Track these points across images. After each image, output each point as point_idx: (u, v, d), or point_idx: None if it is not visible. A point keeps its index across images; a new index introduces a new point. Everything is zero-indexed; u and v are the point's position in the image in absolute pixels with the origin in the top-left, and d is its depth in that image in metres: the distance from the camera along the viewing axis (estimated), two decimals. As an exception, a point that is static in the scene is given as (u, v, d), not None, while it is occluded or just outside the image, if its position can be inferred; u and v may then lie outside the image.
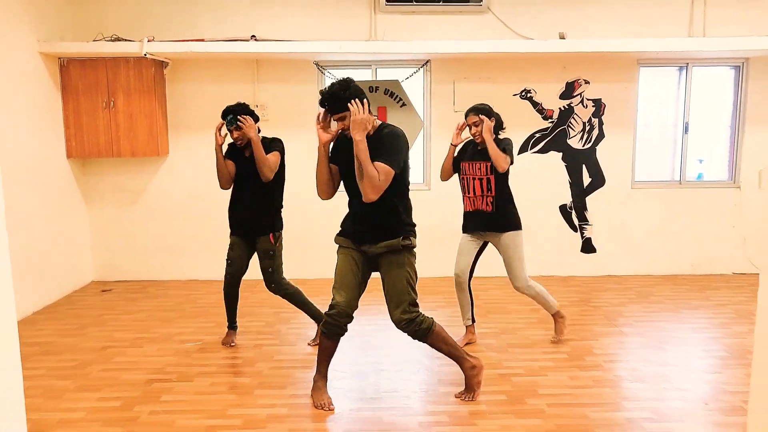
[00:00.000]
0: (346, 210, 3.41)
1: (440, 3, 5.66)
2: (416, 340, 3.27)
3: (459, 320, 4.24)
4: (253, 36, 5.68)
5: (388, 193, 3.03)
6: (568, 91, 5.95)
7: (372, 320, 4.66)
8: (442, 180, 4.23)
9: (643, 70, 5.99)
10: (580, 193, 6.07)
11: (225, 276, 4.23)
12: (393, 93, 5.76)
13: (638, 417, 3.10)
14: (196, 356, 3.98)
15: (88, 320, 4.73)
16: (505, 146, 3.90)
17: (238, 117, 3.92)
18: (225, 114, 3.97)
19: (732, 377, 3.59)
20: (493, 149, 3.80)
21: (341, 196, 3.42)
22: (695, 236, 6.07)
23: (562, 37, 5.67)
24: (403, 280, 3.17)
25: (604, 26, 5.79)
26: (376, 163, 2.95)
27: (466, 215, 4.10)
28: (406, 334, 3.24)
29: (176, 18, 5.71)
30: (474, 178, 3.97)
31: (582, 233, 6.12)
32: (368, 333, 4.43)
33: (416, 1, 5.64)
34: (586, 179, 6.06)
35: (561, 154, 6.00)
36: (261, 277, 4.25)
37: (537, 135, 5.97)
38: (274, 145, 4.07)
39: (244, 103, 4.07)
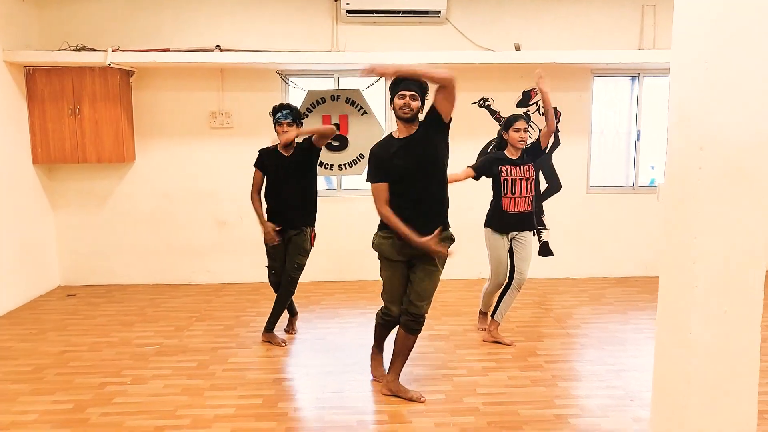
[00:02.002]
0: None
1: (400, 14, 5.82)
2: (409, 333, 3.44)
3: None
4: (218, 46, 5.82)
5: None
6: (525, 99, 6.14)
7: (328, 323, 4.80)
8: None
9: (597, 80, 6.20)
10: (537, 198, 6.26)
11: (271, 283, 4.51)
12: (354, 101, 5.92)
13: (566, 413, 3.27)
14: (153, 359, 4.10)
15: (49, 325, 4.82)
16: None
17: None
18: (278, 109, 4.22)
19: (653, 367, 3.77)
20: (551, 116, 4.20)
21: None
22: (648, 239, 6.28)
23: (517, 49, 5.87)
24: (438, 277, 3.42)
25: (559, 38, 6.00)
26: None
27: (505, 215, 4.20)
28: (408, 326, 3.41)
29: (142, 27, 5.83)
30: (521, 179, 4.19)
31: (539, 237, 6.31)
32: (322, 336, 4.58)
33: (377, 13, 5.80)
34: (543, 185, 6.25)
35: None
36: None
37: (495, 142, 6.14)
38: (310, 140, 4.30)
39: (293, 106, 4.31)
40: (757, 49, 2.12)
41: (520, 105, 6.12)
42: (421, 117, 3.31)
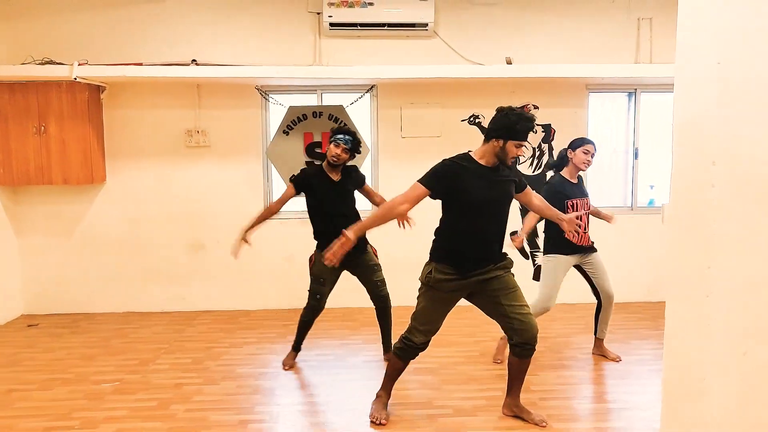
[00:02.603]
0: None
1: (386, 28, 5.56)
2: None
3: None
4: (194, 60, 5.53)
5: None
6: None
7: (304, 356, 4.44)
8: None
9: (592, 96, 5.92)
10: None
11: (310, 308, 4.17)
12: (337, 118, 5.62)
13: (562, 463, 2.92)
14: (109, 398, 3.73)
15: (1, 360, 4.45)
16: None
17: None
18: (344, 132, 4.11)
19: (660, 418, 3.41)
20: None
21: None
22: (648, 262, 5.95)
23: (508, 62, 5.59)
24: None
25: (552, 52, 5.73)
26: None
27: (571, 245, 4.07)
28: (523, 354, 3.25)
29: (113, 41, 5.55)
30: (586, 216, 4.19)
31: (533, 260, 5.98)
32: (296, 370, 4.22)
33: (361, 26, 5.53)
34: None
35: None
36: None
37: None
38: (359, 174, 4.30)
39: (358, 136, 4.22)
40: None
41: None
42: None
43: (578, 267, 4.25)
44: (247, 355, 4.52)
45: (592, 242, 4.24)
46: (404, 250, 5.20)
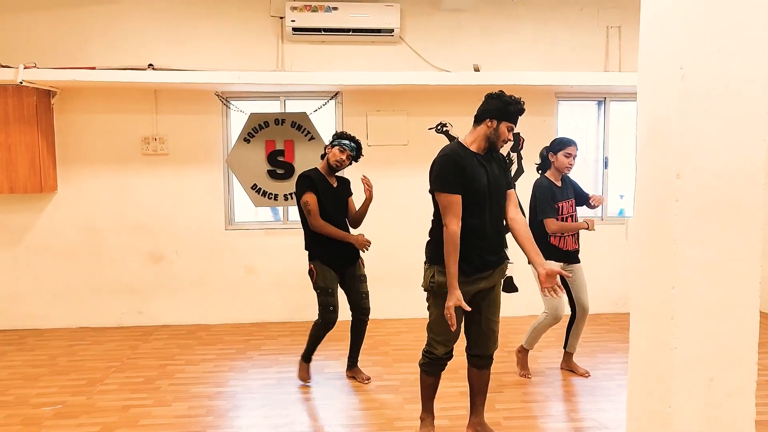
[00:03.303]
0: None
1: (351, 33, 5.41)
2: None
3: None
4: (151, 65, 5.32)
5: None
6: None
7: (264, 373, 4.24)
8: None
9: (562, 104, 5.84)
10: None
11: (328, 321, 3.91)
12: (300, 126, 5.45)
13: (525, 489, 2.77)
14: (47, 424, 3.49)
15: (-64, 381, 4.18)
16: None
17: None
18: (349, 138, 3.97)
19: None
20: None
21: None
22: (618, 273, 5.87)
23: (476, 69, 5.48)
24: None
25: (521, 59, 5.65)
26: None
27: (555, 250, 4.01)
28: (481, 364, 3.17)
29: (65, 44, 5.31)
30: (571, 217, 4.05)
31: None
32: (255, 389, 4.01)
33: (325, 31, 5.38)
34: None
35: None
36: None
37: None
38: (349, 186, 4.18)
39: (361, 145, 4.06)
40: (742, 59, 1.70)
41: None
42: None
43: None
44: (203, 373, 4.31)
45: (577, 248, 4.10)
46: (382, 263, 5.06)
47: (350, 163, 4.01)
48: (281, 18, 5.46)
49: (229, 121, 5.60)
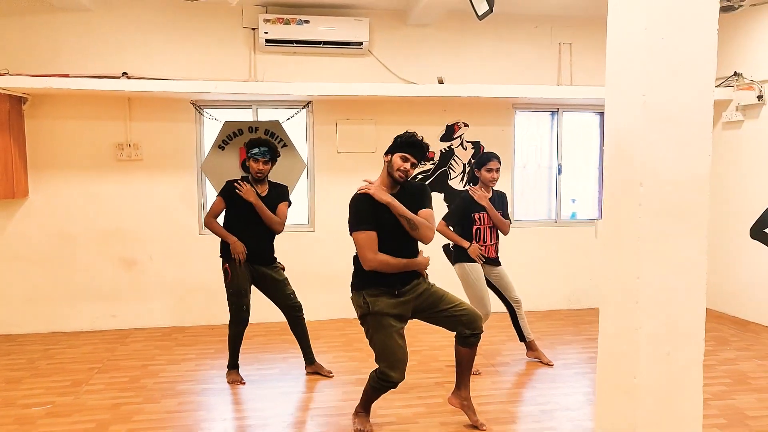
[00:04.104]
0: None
1: (321, 45, 5.66)
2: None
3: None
4: (125, 73, 5.42)
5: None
6: (449, 133, 6.10)
7: (246, 370, 4.43)
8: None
9: (519, 114, 6.26)
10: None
11: (240, 321, 4.20)
12: (274, 134, 5.65)
13: (503, 463, 3.09)
14: (42, 422, 3.59)
15: None
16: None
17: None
18: (257, 144, 4.10)
19: (593, 413, 3.68)
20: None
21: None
22: (570, 272, 6.33)
23: (440, 82, 5.83)
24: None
25: (481, 72, 6.03)
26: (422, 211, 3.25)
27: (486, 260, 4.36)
28: (471, 342, 3.39)
29: (38, 51, 5.35)
30: (491, 228, 4.37)
31: (465, 272, 6.21)
32: (252, 383, 4.20)
33: (297, 43, 5.61)
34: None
35: (443, 195, 6.11)
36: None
37: (419, 176, 6.06)
38: (285, 193, 4.32)
39: (272, 142, 4.19)
40: (693, 85, 2.08)
41: (443, 139, 6.08)
42: None
43: (487, 280, 4.46)
44: (186, 371, 4.46)
45: (497, 257, 4.48)
46: (337, 262, 5.31)
47: (273, 164, 4.18)
48: (254, 29, 5.66)
49: (202, 128, 5.75)
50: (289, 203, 4.33)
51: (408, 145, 3.21)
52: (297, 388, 4.16)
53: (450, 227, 4.36)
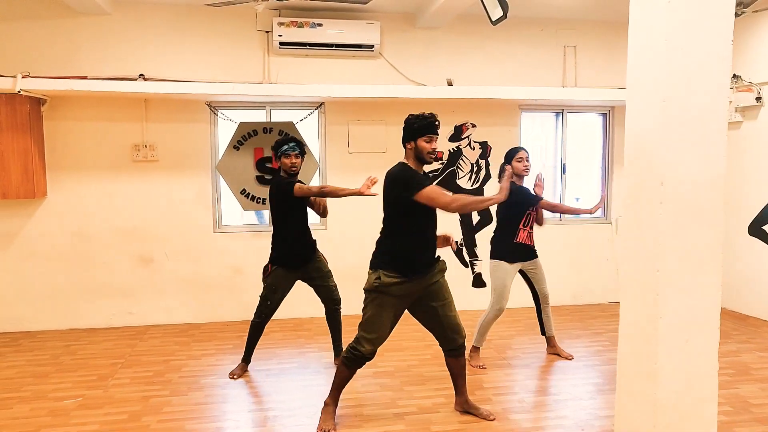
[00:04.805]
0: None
1: (333, 48, 5.80)
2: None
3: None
4: (142, 75, 5.54)
5: None
6: (457, 133, 6.25)
7: (266, 365, 4.57)
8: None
9: (525, 115, 6.42)
10: (469, 231, 6.35)
11: (260, 314, 4.31)
12: (287, 134, 5.79)
13: (523, 448, 3.25)
14: (75, 414, 3.72)
15: (-51, 380, 4.30)
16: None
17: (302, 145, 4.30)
18: (285, 141, 4.22)
19: (604, 402, 3.85)
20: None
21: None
22: (575, 269, 6.50)
23: (449, 84, 5.99)
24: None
25: (489, 74, 6.18)
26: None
27: (519, 246, 4.53)
28: (456, 354, 3.59)
29: (57, 53, 5.46)
30: (533, 215, 4.57)
31: (473, 269, 6.38)
32: (261, 378, 4.34)
33: (310, 46, 5.75)
34: (475, 217, 6.35)
35: (451, 193, 6.25)
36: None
37: (429, 176, 6.20)
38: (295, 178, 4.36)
39: (297, 138, 4.41)
40: (708, 90, 2.23)
41: (452, 140, 6.23)
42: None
43: (522, 272, 4.63)
44: (208, 366, 4.59)
45: (532, 245, 4.62)
46: (348, 259, 5.46)
47: (302, 159, 4.30)
48: (267, 32, 5.79)
49: (217, 128, 5.88)
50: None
51: (428, 127, 3.34)
52: (316, 380, 4.30)
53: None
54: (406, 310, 3.53)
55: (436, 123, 3.37)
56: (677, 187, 2.23)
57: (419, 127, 3.33)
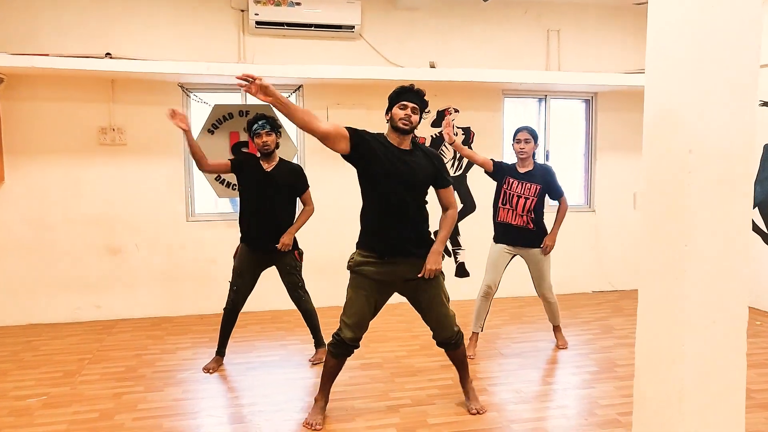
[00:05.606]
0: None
1: (312, 28, 5.55)
2: None
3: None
4: (108, 53, 5.20)
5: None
6: (440, 119, 6.07)
7: (246, 357, 4.33)
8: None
9: (507, 101, 6.29)
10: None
11: (230, 301, 4.08)
12: (257, 113, 5.51)
13: (527, 439, 3.09)
14: (40, 413, 3.41)
15: None
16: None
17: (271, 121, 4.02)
18: (255, 120, 4.00)
19: (603, 391, 3.73)
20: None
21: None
22: (559, 257, 6.36)
23: (432, 66, 5.80)
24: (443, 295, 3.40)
25: (471, 57, 6.02)
26: None
27: (500, 226, 4.38)
28: (451, 347, 3.41)
29: (15, 29, 5.08)
30: (518, 196, 4.28)
31: (456, 258, 6.22)
32: (242, 372, 4.09)
33: (288, 26, 5.49)
34: (459, 205, 6.19)
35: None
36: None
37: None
38: (299, 175, 4.14)
39: (268, 114, 4.09)
40: (737, 57, 2.09)
41: (434, 125, 6.05)
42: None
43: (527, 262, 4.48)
44: (184, 360, 4.32)
45: (531, 228, 4.35)
46: (344, 251, 5.23)
47: (278, 136, 4.06)
48: (242, 11, 5.51)
49: (190, 111, 5.57)
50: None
51: (400, 94, 3.19)
52: (300, 374, 4.08)
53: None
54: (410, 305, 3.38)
55: (413, 91, 3.19)
56: (707, 155, 2.08)
57: (395, 94, 3.22)
